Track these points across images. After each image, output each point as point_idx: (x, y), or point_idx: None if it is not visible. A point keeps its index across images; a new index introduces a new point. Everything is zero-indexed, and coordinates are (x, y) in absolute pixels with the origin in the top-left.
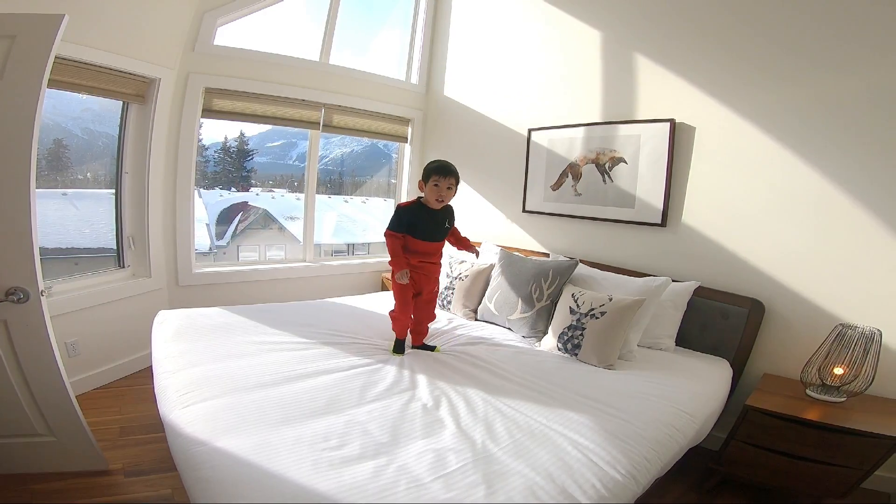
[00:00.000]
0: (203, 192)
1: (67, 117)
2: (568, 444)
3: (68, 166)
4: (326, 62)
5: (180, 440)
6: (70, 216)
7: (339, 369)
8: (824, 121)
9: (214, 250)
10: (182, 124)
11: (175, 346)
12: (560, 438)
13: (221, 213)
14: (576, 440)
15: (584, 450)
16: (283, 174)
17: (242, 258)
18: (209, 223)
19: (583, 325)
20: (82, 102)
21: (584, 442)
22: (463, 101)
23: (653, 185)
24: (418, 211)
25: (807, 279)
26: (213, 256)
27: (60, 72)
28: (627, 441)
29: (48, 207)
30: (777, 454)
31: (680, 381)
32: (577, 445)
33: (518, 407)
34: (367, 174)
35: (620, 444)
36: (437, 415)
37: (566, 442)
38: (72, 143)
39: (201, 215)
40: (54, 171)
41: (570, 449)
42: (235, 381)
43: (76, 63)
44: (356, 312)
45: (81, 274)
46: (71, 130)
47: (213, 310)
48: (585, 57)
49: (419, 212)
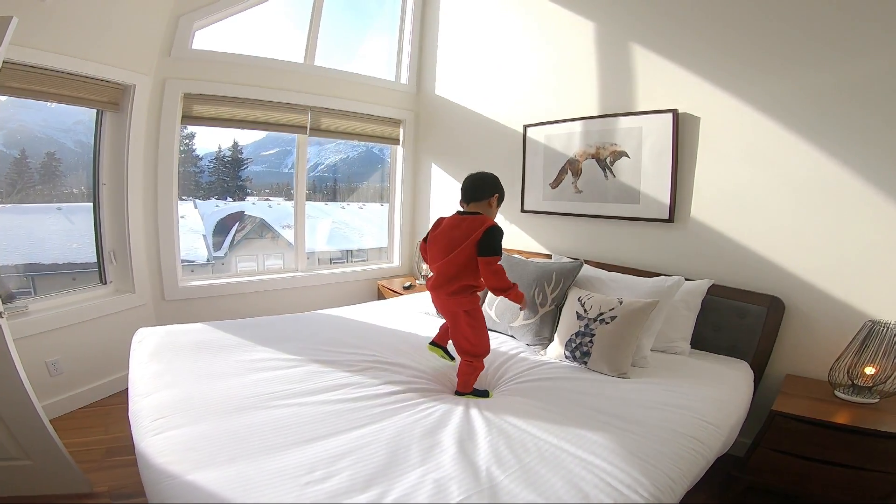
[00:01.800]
0: (199, 202)
1: (59, 130)
2: (582, 467)
3: (61, 180)
4: (312, 64)
5: (150, 472)
6: (60, 230)
7: (328, 389)
8: (843, 107)
9: (213, 261)
10: (161, 132)
11: (151, 367)
12: (573, 461)
13: (218, 224)
14: (591, 462)
15: (601, 473)
16: (278, 182)
17: (241, 268)
18: (206, 234)
19: (592, 332)
20: (74, 115)
21: (600, 463)
22: (455, 99)
23: (658, 179)
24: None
25: (830, 274)
26: (212, 268)
27: (22, 79)
28: (648, 459)
29: (44, 222)
30: (806, 460)
31: (700, 387)
32: (592, 468)
33: (524, 426)
34: (364, 180)
35: (640, 463)
36: (435, 437)
37: (580, 465)
38: (64, 156)
39: (198, 226)
40: (48, 185)
41: (585, 473)
42: (213, 405)
43: (41, 70)
44: (348, 325)
45: (62, 291)
46: (63, 143)
47: (195, 326)
48: (579, 49)
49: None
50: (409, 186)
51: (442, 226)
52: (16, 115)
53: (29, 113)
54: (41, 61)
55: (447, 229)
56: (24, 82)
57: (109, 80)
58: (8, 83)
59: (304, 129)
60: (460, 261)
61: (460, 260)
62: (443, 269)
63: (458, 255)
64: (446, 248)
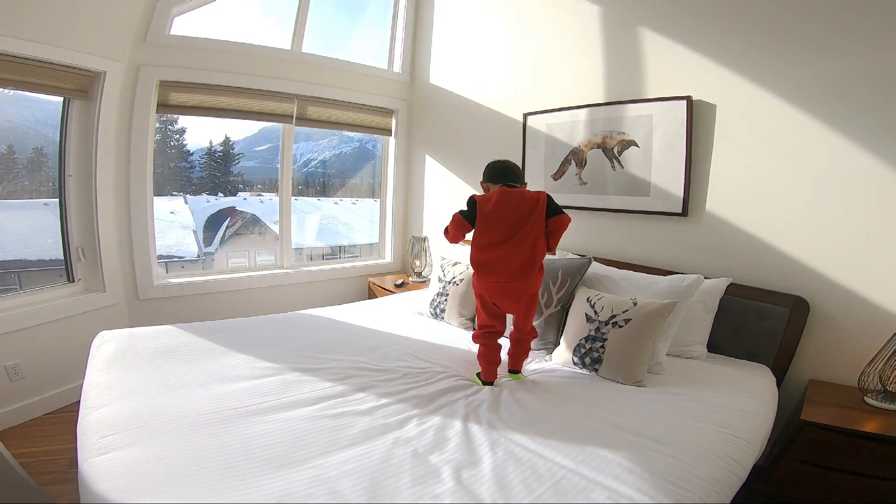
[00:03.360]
0: (189, 198)
1: (48, 126)
2: (606, 496)
3: (48, 174)
4: (299, 51)
5: (89, 497)
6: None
7: (306, 402)
8: (872, 96)
9: (203, 257)
10: (134, 121)
11: (106, 375)
12: (595, 489)
13: (209, 219)
14: (616, 490)
15: (627, 501)
16: (271, 178)
17: (232, 264)
18: (196, 229)
19: (603, 336)
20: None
21: (626, 491)
22: (451, 88)
23: (670, 171)
24: None
25: (859, 273)
26: (202, 264)
27: None
28: (679, 484)
29: (31, 218)
30: (838, 472)
31: (724, 397)
32: (617, 497)
33: (534, 446)
34: (357, 175)
35: (672, 489)
36: (429, 463)
37: (603, 494)
38: (50, 151)
39: (188, 222)
40: (35, 180)
41: (609, 503)
42: (170, 421)
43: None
44: (334, 327)
45: (24, 290)
46: (52, 138)
47: (163, 329)
48: (584, 34)
49: None
50: (401, 179)
51: (493, 202)
52: (3, 109)
53: (16, 108)
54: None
55: (501, 206)
56: None
57: (77, 67)
58: None
59: (290, 119)
60: (536, 234)
61: (536, 232)
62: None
63: (531, 227)
64: (513, 223)
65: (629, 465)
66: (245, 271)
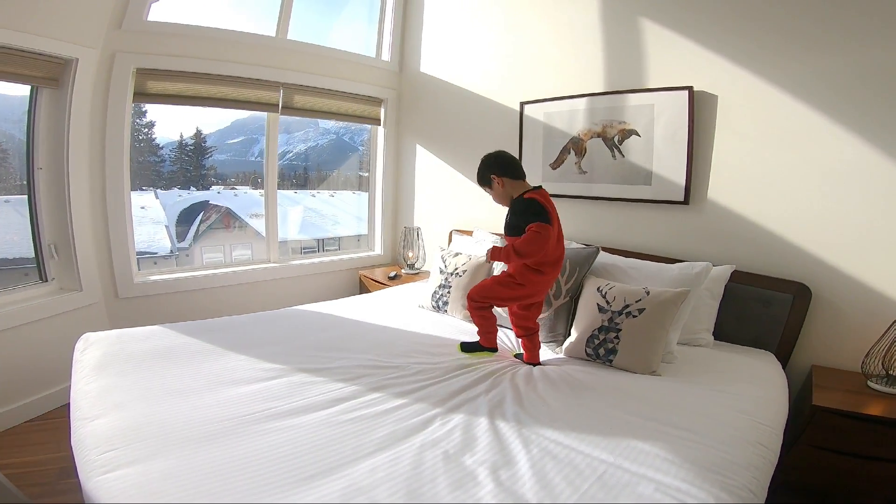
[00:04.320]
0: (160, 192)
1: (7, 121)
2: (652, 488)
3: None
4: (284, 37)
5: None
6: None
7: (321, 405)
8: (874, 89)
9: (176, 253)
10: (109, 110)
11: (95, 382)
12: (639, 482)
13: (182, 214)
14: (661, 482)
15: (677, 493)
16: (245, 171)
17: (207, 259)
18: (169, 225)
19: (617, 326)
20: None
21: (672, 482)
22: (443, 76)
23: (672, 160)
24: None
25: (861, 261)
26: (176, 259)
27: None
28: (721, 472)
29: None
30: (851, 456)
31: (740, 385)
32: (665, 490)
33: (567, 441)
34: (334, 168)
35: (715, 477)
36: (464, 465)
37: (650, 486)
38: (10, 147)
39: (160, 217)
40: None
41: (661, 497)
42: (178, 432)
43: None
44: (334, 323)
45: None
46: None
47: (152, 329)
48: (584, 22)
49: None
50: (391, 169)
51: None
52: None
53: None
54: None
55: (551, 204)
56: None
57: (47, 54)
58: None
59: (276, 108)
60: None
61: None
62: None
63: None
64: (557, 220)
65: (667, 455)
66: (227, 266)
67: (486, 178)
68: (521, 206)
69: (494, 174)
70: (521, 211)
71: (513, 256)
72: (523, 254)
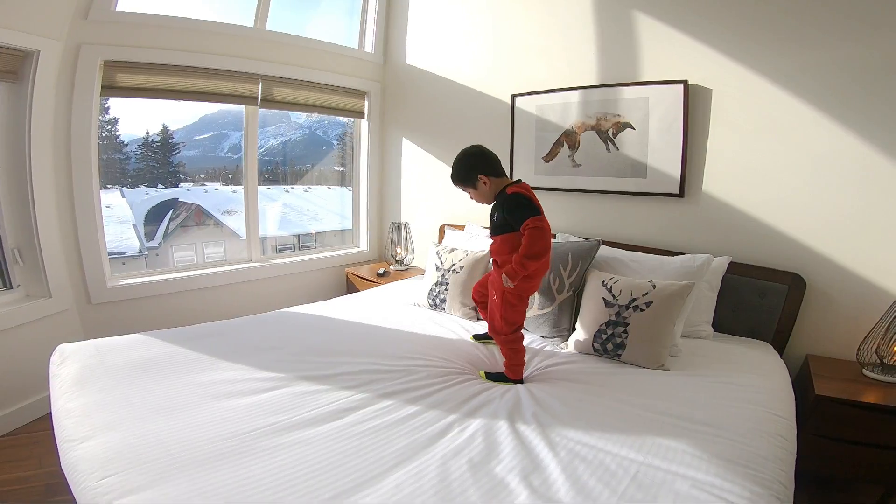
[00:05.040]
0: (126, 190)
1: None
2: (688, 485)
3: None
4: (263, 28)
5: None
6: None
7: (329, 416)
8: (864, 82)
9: (145, 252)
10: (74, 105)
11: (78, 400)
12: (674, 480)
13: (150, 212)
14: (695, 478)
15: (714, 489)
16: (214, 167)
17: (178, 258)
18: (136, 223)
19: (625, 321)
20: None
21: (705, 478)
22: (430, 68)
23: (667, 152)
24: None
25: (852, 251)
26: (145, 259)
27: None
28: (750, 466)
29: None
30: (851, 444)
31: (747, 375)
32: (701, 486)
33: (592, 441)
34: (307, 163)
35: (746, 471)
36: (492, 473)
37: (685, 483)
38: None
39: (127, 216)
40: None
41: (697, 492)
42: (176, 454)
43: None
44: (328, 325)
45: None
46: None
47: (134, 338)
48: (577, 14)
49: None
50: (376, 163)
51: (532, 193)
52: None
53: None
54: None
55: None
56: None
57: (5, 46)
58: None
59: (255, 100)
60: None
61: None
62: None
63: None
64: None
65: (694, 451)
66: (205, 267)
67: (471, 178)
68: (511, 202)
69: (482, 175)
70: (513, 207)
71: (527, 264)
72: (537, 254)
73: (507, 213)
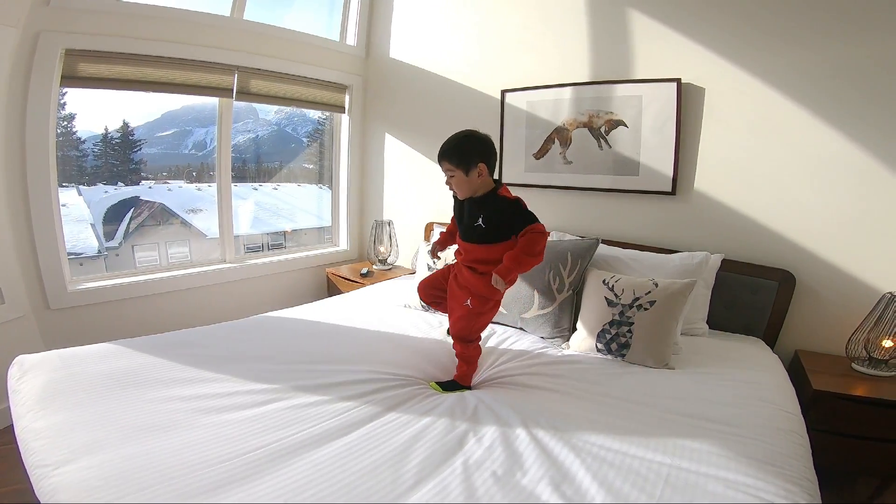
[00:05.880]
0: (83, 188)
1: None
2: (723, 486)
3: None
4: (240, 18)
5: None
6: None
7: (335, 433)
8: (854, 84)
9: (105, 252)
10: (31, 97)
11: (47, 418)
12: (707, 481)
13: (109, 211)
14: (727, 479)
15: (748, 489)
16: (178, 165)
17: (140, 258)
18: (95, 223)
19: (629, 320)
20: None
21: (737, 478)
22: (415, 62)
23: (660, 151)
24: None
25: (841, 248)
26: (105, 260)
27: None
28: (777, 464)
29: None
30: (848, 437)
31: (749, 372)
32: (736, 486)
33: (616, 446)
34: (275, 160)
35: (775, 469)
36: (521, 486)
37: (719, 485)
38: None
39: (84, 214)
40: None
41: (733, 493)
42: (180, 479)
43: None
44: (317, 330)
45: None
46: None
47: (103, 348)
48: (570, 9)
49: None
50: (356, 160)
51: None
52: None
53: None
54: None
55: None
56: None
57: None
58: None
59: (230, 93)
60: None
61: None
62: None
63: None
64: None
65: (720, 451)
66: (176, 269)
67: (471, 161)
68: (512, 208)
69: (483, 164)
70: (515, 213)
71: (525, 262)
72: (538, 253)
73: (506, 219)
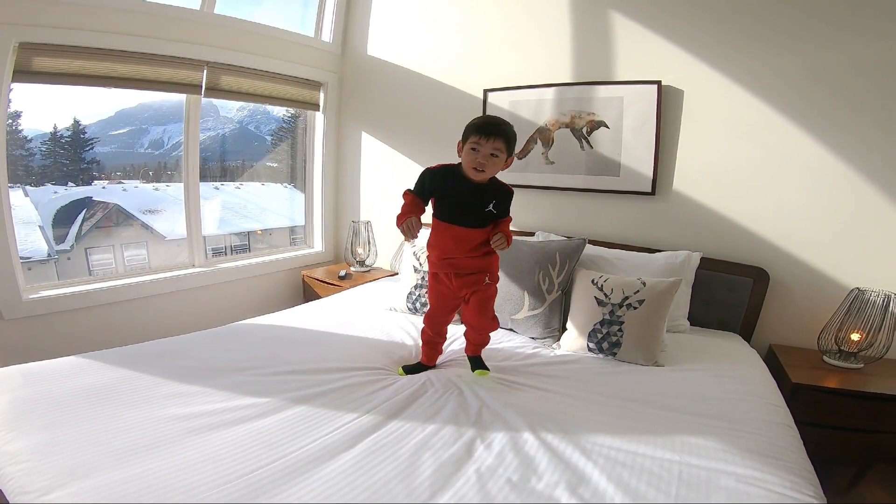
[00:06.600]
0: (30, 189)
1: None
2: (733, 480)
3: None
4: (210, 11)
5: None
6: None
7: (339, 447)
8: (825, 89)
9: (55, 256)
10: None
11: (21, 441)
12: (718, 476)
13: (59, 212)
14: (735, 473)
15: (757, 482)
16: (133, 164)
17: (94, 261)
18: (43, 225)
19: (619, 319)
20: None
21: (746, 472)
22: (395, 60)
23: (640, 152)
24: (447, 176)
25: (812, 246)
26: (55, 264)
27: None
28: (780, 457)
29: None
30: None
31: (737, 367)
32: (746, 480)
33: (625, 446)
34: (239, 158)
35: (779, 463)
36: (538, 491)
37: (730, 479)
38: None
39: (32, 216)
40: None
41: (745, 487)
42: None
43: None
44: (303, 338)
45: None
46: None
47: (68, 362)
48: (551, 10)
49: (448, 177)
50: (331, 159)
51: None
52: None
53: None
54: None
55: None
56: None
57: None
58: None
59: (198, 89)
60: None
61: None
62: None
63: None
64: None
65: (723, 446)
66: (144, 274)
67: (514, 149)
68: (510, 197)
69: (514, 151)
70: (509, 201)
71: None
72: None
73: (507, 205)
